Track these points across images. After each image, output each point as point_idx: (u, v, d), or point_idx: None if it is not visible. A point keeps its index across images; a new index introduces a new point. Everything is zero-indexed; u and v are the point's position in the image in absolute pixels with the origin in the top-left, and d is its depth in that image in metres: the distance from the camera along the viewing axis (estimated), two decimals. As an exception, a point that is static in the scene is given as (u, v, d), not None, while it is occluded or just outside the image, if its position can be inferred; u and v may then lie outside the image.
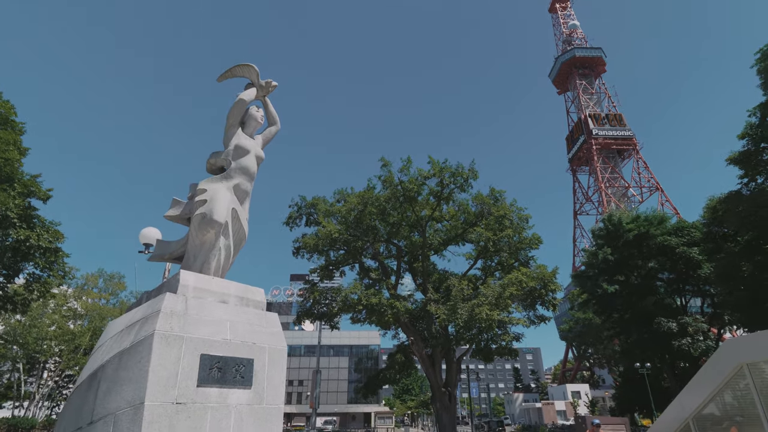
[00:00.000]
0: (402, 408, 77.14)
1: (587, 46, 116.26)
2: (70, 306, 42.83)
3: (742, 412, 11.24)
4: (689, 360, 30.08)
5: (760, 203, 22.04)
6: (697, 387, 10.79)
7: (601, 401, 60.22)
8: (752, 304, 23.84)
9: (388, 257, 36.39)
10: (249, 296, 4.78)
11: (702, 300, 34.30)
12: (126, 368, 3.62)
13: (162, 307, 3.86)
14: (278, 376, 4.34)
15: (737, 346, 10.29)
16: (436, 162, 29.78)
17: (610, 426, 16.84)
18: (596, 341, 57.22)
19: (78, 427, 3.69)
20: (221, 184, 5.02)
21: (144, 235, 12.24)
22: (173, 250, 5.17)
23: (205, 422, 3.67)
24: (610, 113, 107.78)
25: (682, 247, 30.29)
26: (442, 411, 30.69)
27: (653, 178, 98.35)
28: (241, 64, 5.69)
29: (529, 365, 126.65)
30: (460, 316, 24.62)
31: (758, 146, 23.66)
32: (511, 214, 30.66)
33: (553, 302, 29.98)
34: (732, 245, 25.59)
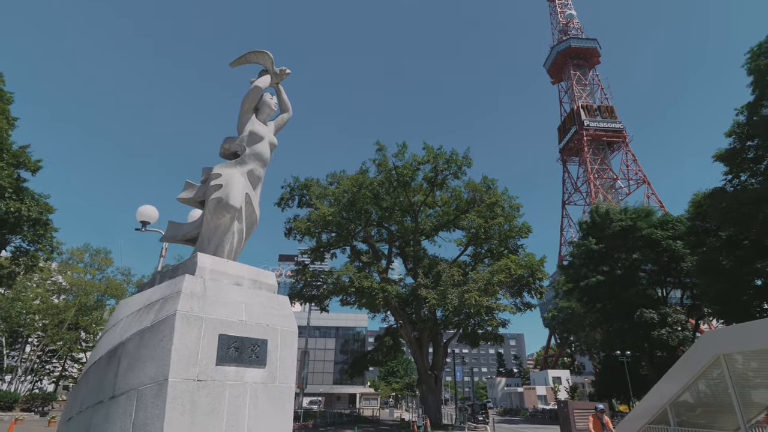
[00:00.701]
0: (387, 390, 78.54)
1: (583, 36, 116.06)
2: (54, 280, 42.47)
3: (715, 400, 11.83)
4: (667, 349, 31.13)
5: (743, 200, 22.62)
6: (676, 375, 11.30)
7: (581, 387, 62.10)
8: (730, 297, 24.68)
9: (380, 241, 36.68)
10: (261, 279, 4.93)
11: (682, 292, 35.33)
12: (148, 346, 3.76)
13: (182, 288, 3.98)
14: (290, 356, 4.52)
15: (715, 338, 10.77)
16: (430, 148, 29.89)
17: (590, 410, 17.46)
18: (578, 329, 58.68)
19: (99, 401, 3.83)
20: (236, 170, 5.11)
21: (141, 212, 12.22)
22: (186, 232, 5.26)
23: (223, 398, 3.85)
24: (602, 105, 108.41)
25: (668, 241, 31.05)
26: (428, 393, 31.48)
27: (641, 171, 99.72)
28: (255, 51, 5.71)
29: (512, 351, 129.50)
30: (450, 301, 25.08)
31: (744, 144, 24.17)
32: (502, 203, 31.06)
33: (539, 290, 30.66)
34: (714, 240, 26.31)
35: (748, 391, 10.74)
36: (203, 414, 3.67)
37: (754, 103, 23.23)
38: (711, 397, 11.63)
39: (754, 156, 23.77)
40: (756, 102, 23.12)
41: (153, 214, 12.40)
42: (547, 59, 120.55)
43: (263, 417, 4.06)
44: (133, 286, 49.55)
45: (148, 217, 12.31)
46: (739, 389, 10.21)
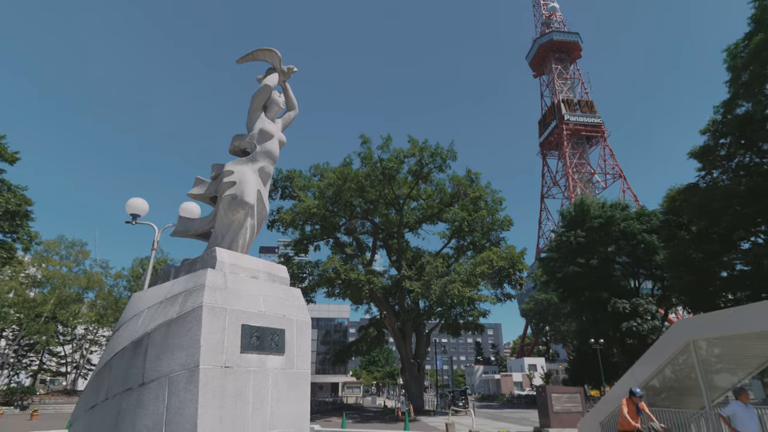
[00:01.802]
0: (368, 378, 79.52)
1: (565, 30, 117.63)
2: (28, 273, 41.43)
3: (679, 384, 12.67)
4: (637, 337, 32.56)
5: (714, 196, 23.73)
6: (649, 360, 12.05)
7: (555, 374, 64.21)
8: (698, 289, 25.94)
9: (363, 233, 37.00)
10: (275, 272, 5.20)
11: (653, 283, 36.85)
12: (175, 336, 4.02)
13: (206, 281, 4.24)
14: (305, 344, 4.84)
15: (685, 326, 11.52)
16: (415, 141, 30.22)
17: (566, 394, 18.32)
18: (554, 319, 60.60)
19: (127, 388, 4.07)
20: (247, 167, 5.33)
21: (131, 205, 12.18)
22: (197, 227, 5.48)
23: (248, 383, 4.15)
24: (582, 99, 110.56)
25: (643, 234, 32.29)
26: (411, 381, 32.21)
27: (617, 166, 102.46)
28: (263, 49, 5.87)
29: (489, 340, 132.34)
30: (434, 291, 25.64)
31: (717, 142, 25.24)
32: (485, 196, 31.69)
33: (519, 281, 31.56)
34: (685, 233, 27.52)
35: (711, 376, 11.54)
36: (231, 397, 3.97)
37: (729, 101, 24.21)
38: (675, 381, 12.46)
39: (726, 153, 24.87)
40: (731, 100, 24.10)
41: (143, 206, 12.37)
42: (529, 52, 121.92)
43: (284, 399, 4.39)
44: (112, 279, 48.76)
45: (138, 210, 12.28)
46: (704, 374, 10.99)
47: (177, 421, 3.71)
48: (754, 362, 11.23)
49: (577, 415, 16.97)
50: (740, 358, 11.32)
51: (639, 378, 12.19)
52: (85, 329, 47.39)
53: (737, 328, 9.72)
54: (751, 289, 24.06)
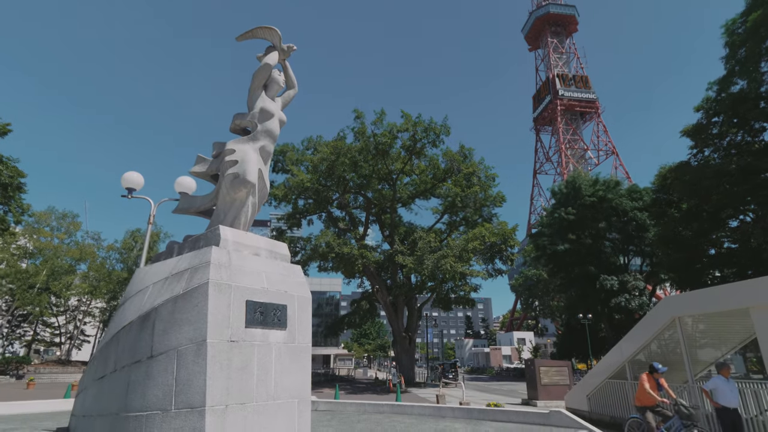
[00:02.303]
0: (359, 351, 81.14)
1: (562, 3, 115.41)
2: (20, 244, 41.20)
3: (665, 358, 13.16)
4: (625, 313, 33.43)
5: (705, 174, 23.98)
6: (636, 335, 12.46)
7: (543, 348, 65.97)
8: (686, 266, 26.52)
9: (356, 207, 37.09)
10: (276, 250, 5.28)
11: (642, 260, 37.57)
12: (182, 311, 4.11)
13: (211, 258, 4.31)
14: (306, 319, 4.98)
15: (672, 302, 11.88)
16: (408, 116, 29.96)
17: (554, 368, 18.93)
18: (543, 294, 61.84)
19: (136, 360, 4.19)
20: (249, 146, 5.33)
21: (126, 179, 12.10)
22: (199, 204, 5.50)
23: (253, 356, 4.29)
24: (577, 74, 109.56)
25: (634, 212, 32.70)
26: (402, 354, 32.99)
27: (610, 143, 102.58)
28: (263, 27, 5.77)
29: (479, 314, 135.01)
30: (426, 267, 25.97)
31: (710, 120, 25.32)
32: (479, 172, 31.77)
33: (510, 257, 32.04)
34: (675, 211, 27.93)
35: (695, 351, 12.00)
36: (237, 370, 4.11)
37: (724, 78, 24.18)
38: (661, 356, 12.94)
39: (718, 132, 25.00)
40: (727, 77, 24.07)
41: (138, 180, 12.30)
42: (525, 25, 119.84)
43: (286, 372, 4.55)
44: (104, 251, 48.69)
45: (134, 184, 12.21)
46: (689, 348, 11.42)
47: (186, 392, 3.85)
48: (737, 338, 11.66)
49: (565, 388, 17.59)
50: (723, 334, 11.75)
51: (626, 352, 12.63)
52: (78, 300, 47.56)
53: (722, 305, 10.04)
54: (737, 266, 24.66)
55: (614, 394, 12.95)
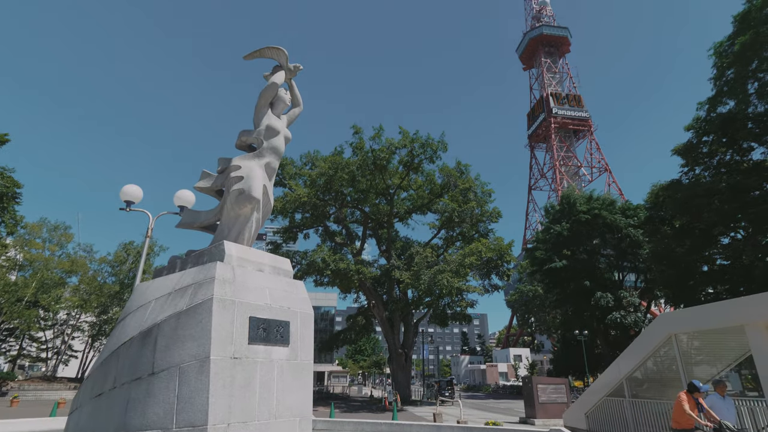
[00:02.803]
0: (354, 367, 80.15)
1: (555, 24, 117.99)
2: (9, 256, 40.67)
3: (660, 375, 13.17)
4: (621, 329, 33.41)
5: (696, 192, 24.32)
6: (633, 352, 12.47)
7: (540, 364, 65.55)
8: (680, 282, 26.68)
9: (353, 222, 37.12)
10: (279, 265, 5.30)
11: (636, 276, 37.71)
12: (185, 327, 4.10)
13: (215, 274, 4.32)
14: (308, 336, 4.97)
15: (668, 319, 11.94)
16: (406, 132, 30.26)
17: (552, 385, 18.81)
18: (539, 310, 61.72)
19: (137, 378, 4.15)
20: (254, 162, 5.39)
21: (125, 192, 12.10)
22: (203, 219, 5.53)
23: (256, 373, 4.27)
24: (570, 93, 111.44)
25: (628, 229, 32.99)
26: (399, 371, 32.65)
27: (603, 160, 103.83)
28: (271, 47, 5.90)
29: (475, 330, 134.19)
30: (423, 282, 25.93)
31: (701, 139, 25.79)
32: (475, 188, 31.98)
33: (507, 272, 32.07)
34: (668, 229, 28.20)
35: (691, 367, 12.01)
36: (240, 387, 4.08)
37: (713, 98, 24.74)
38: (657, 373, 12.95)
39: (708, 151, 25.45)
40: (716, 97, 24.63)
41: (137, 193, 12.30)
42: (519, 45, 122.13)
43: (289, 390, 4.53)
44: (96, 263, 48.11)
45: (133, 197, 12.21)
46: (685, 365, 11.44)
47: (188, 410, 3.82)
48: (732, 355, 11.70)
49: (562, 406, 17.46)
50: (719, 351, 11.79)
51: (623, 369, 12.61)
52: (68, 314, 46.69)
53: (717, 322, 10.11)
54: (729, 283, 24.82)
55: (613, 412, 12.88)
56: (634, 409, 12.17)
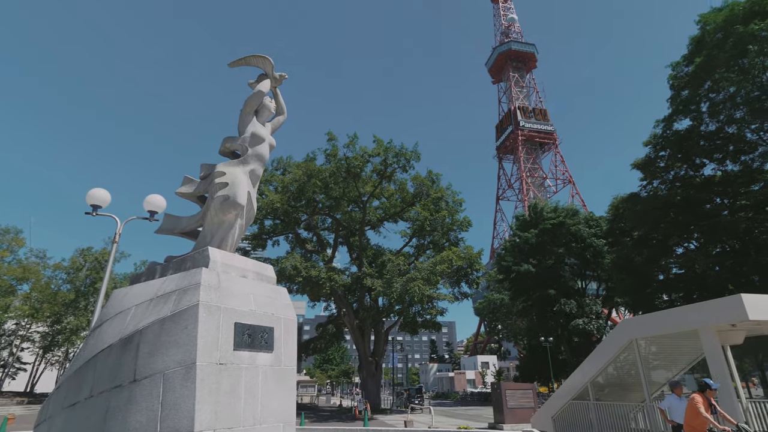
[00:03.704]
0: (322, 377, 79.21)
1: (523, 41, 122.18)
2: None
3: (620, 380, 13.79)
4: (584, 336, 34.62)
5: (654, 205, 25.70)
6: (597, 357, 13.01)
7: (506, 371, 66.77)
8: (638, 290, 27.97)
9: (324, 229, 36.95)
10: (263, 272, 5.32)
11: (598, 284, 39.27)
12: (170, 333, 4.07)
13: (201, 280, 4.30)
14: (292, 342, 5.00)
15: (629, 325, 12.56)
16: (380, 141, 30.53)
17: (520, 391, 19.27)
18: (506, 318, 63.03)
19: (117, 385, 4.08)
20: (239, 169, 5.40)
21: (92, 196, 11.68)
22: (184, 225, 5.47)
23: (240, 379, 4.27)
24: (537, 107, 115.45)
25: (591, 238, 34.37)
26: (369, 379, 32.54)
27: (567, 172, 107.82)
28: (256, 55, 5.95)
29: (444, 338, 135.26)
30: (395, 289, 26.07)
31: (658, 154, 27.30)
32: (446, 197, 32.54)
33: (476, 280, 32.68)
34: (627, 239, 29.57)
35: (649, 372, 12.66)
36: (225, 393, 4.08)
37: (670, 116, 26.28)
38: (617, 378, 13.56)
39: (664, 165, 26.95)
40: (672, 115, 26.17)
41: (105, 197, 11.90)
42: (489, 59, 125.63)
43: (272, 395, 4.55)
44: (51, 270, 45.68)
45: (100, 201, 11.80)
46: (644, 369, 12.05)
47: (173, 416, 3.78)
48: (686, 359, 12.41)
49: (530, 411, 17.91)
50: (674, 355, 12.48)
51: (588, 373, 13.11)
52: (17, 324, 44.01)
53: (675, 327, 10.72)
54: (684, 290, 26.23)
55: (578, 415, 13.36)
56: (598, 411, 12.68)
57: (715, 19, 23.11)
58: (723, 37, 22.49)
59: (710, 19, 23.54)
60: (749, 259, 22.63)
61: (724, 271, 23.51)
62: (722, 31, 22.57)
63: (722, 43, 22.44)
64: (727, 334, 10.35)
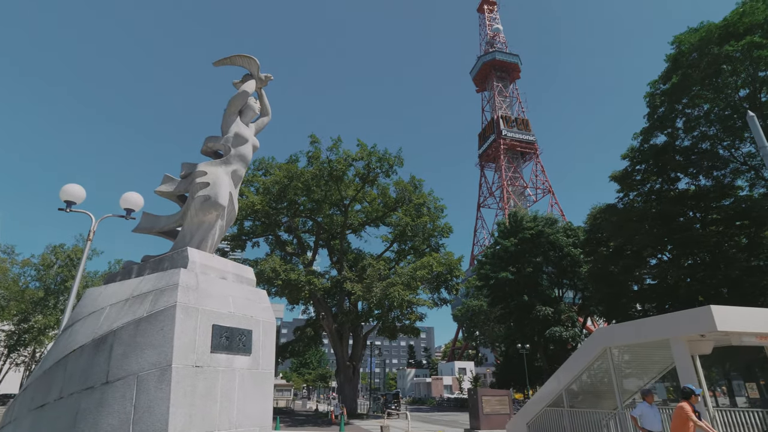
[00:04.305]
0: (299, 381, 78.36)
1: (507, 51, 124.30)
2: None
3: (593, 388, 14.06)
4: (560, 344, 35.19)
5: (630, 216, 26.38)
6: (572, 364, 13.23)
7: (483, 377, 67.25)
8: (613, 300, 28.60)
9: (305, 232, 36.71)
10: (243, 274, 5.25)
11: (574, 293, 40.01)
12: (145, 335, 3.98)
13: (179, 281, 4.23)
14: (270, 345, 4.94)
15: (604, 334, 12.82)
16: (364, 145, 30.53)
17: (496, 397, 19.45)
18: (484, 324, 63.64)
19: (88, 387, 3.96)
20: (221, 169, 5.34)
21: (66, 191, 11.34)
22: (163, 224, 5.36)
23: (217, 382, 4.20)
24: (519, 117, 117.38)
25: (569, 248, 35.03)
26: (346, 383, 32.36)
27: (547, 182, 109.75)
28: (242, 55, 5.91)
29: (422, 343, 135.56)
30: (375, 294, 26.04)
31: (635, 168, 28.06)
32: (428, 203, 32.73)
33: (456, 287, 32.90)
34: (604, 250, 30.24)
35: (621, 380, 12.94)
36: (201, 396, 4.01)
37: (647, 131, 27.08)
38: (590, 385, 13.82)
39: (641, 179, 27.71)
40: (649, 130, 26.97)
41: (79, 193, 11.57)
42: (473, 68, 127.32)
43: (249, 398, 4.49)
44: (19, 267, 44.09)
45: (74, 197, 11.46)
46: (617, 377, 12.31)
47: (147, 419, 3.70)
48: (657, 367, 12.72)
49: (505, 417, 18.08)
50: (646, 364, 12.78)
51: (563, 381, 13.32)
52: (-21, 323, 42.23)
53: (647, 336, 10.99)
54: (656, 301, 26.93)
55: (552, 422, 13.55)
56: (572, 418, 12.88)
57: (690, 39, 23.95)
58: (698, 57, 23.32)
59: (685, 39, 24.39)
60: (719, 272, 23.40)
61: (695, 282, 24.27)
62: (697, 51, 23.41)
63: (697, 62, 23.26)
64: (696, 344, 10.66)
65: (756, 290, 22.10)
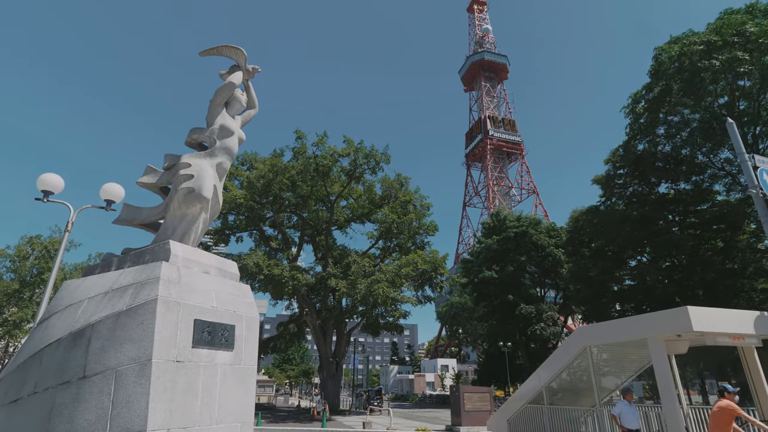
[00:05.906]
0: (281, 377, 77.96)
1: (496, 51, 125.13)
2: None
3: (572, 386, 14.32)
4: (540, 342, 35.73)
5: (611, 219, 26.89)
6: (553, 362, 13.44)
7: (465, 375, 67.88)
8: (593, 299, 29.12)
9: (290, 227, 36.48)
10: (226, 268, 5.18)
11: (556, 292, 40.65)
12: (124, 328, 3.89)
13: (160, 274, 4.14)
14: (253, 340, 4.89)
15: (584, 332, 13.05)
16: (351, 141, 30.43)
17: (477, 394, 19.65)
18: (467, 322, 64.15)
19: (64, 381, 3.86)
20: (206, 161, 5.24)
21: (43, 181, 11.04)
22: (144, 216, 5.25)
23: (198, 378, 4.13)
24: (506, 118, 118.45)
25: (551, 248, 35.54)
26: (329, 380, 32.32)
27: (532, 182, 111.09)
28: (229, 46, 5.81)
29: (406, 340, 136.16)
30: (359, 291, 26.02)
31: (617, 172, 28.59)
32: (414, 201, 32.80)
33: (440, 284, 33.09)
34: (585, 251, 30.76)
35: (599, 378, 13.21)
36: (181, 392, 3.94)
37: (628, 140, 27.60)
38: (570, 383, 14.08)
39: (622, 183, 28.25)
40: (630, 138, 27.49)
41: (58, 183, 11.28)
42: (462, 67, 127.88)
43: (231, 394, 4.43)
44: (-3, 258, 42.82)
45: (52, 187, 11.17)
46: (595, 375, 12.56)
47: (125, 414, 3.62)
48: (634, 366, 13.00)
49: (486, 414, 18.29)
50: (624, 362, 13.05)
51: (543, 379, 13.52)
52: (-48, 315, 40.95)
53: (626, 335, 11.22)
54: (635, 301, 27.52)
55: (532, 419, 13.76)
56: (552, 415, 13.09)
57: (671, 50, 24.42)
58: (679, 67, 23.77)
59: (667, 50, 24.88)
60: (695, 274, 24.02)
61: (672, 284, 24.87)
62: (678, 61, 23.87)
63: (679, 71, 23.71)
64: (673, 343, 10.92)
65: (730, 292, 22.75)
